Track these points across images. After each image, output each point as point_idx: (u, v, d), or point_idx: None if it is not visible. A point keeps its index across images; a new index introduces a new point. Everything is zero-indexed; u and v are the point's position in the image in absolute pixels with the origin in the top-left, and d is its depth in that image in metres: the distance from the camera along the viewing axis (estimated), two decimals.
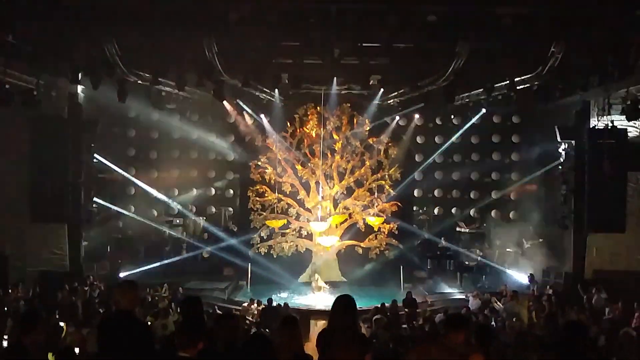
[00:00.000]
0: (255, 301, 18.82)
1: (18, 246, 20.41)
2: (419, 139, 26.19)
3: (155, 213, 26.40)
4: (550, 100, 19.81)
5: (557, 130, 21.24)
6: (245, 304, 18.83)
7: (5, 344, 11.19)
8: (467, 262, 24.07)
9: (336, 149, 23.96)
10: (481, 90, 20.59)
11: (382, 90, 22.78)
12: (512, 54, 18.04)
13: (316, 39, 17.67)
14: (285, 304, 18.55)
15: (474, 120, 24.43)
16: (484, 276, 23.56)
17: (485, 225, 25.93)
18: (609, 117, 19.38)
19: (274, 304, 18.36)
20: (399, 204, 23.93)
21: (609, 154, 19.22)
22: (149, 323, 14.04)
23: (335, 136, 23.91)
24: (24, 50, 16.47)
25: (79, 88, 21.04)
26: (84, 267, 21.35)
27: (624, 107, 17.70)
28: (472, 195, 26.21)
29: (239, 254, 24.31)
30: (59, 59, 17.61)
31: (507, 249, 24.53)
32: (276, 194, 23.49)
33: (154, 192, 25.65)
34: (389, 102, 23.62)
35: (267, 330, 14.46)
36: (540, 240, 23.99)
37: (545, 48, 16.66)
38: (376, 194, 23.82)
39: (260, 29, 16.83)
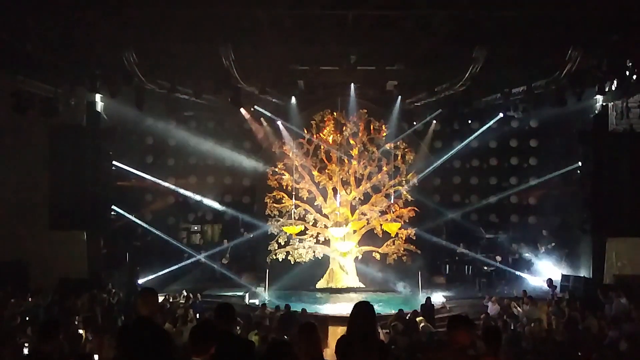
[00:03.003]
0: (274, 307, 18.87)
1: (37, 253, 20.49)
2: (436, 144, 26.06)
3: (173, 220, 26.52)
4: (568, 104, 19.74)
5: (575, 134, 21.13)
6: (259, 310, 18.81)
7: (25, 351, 11.25)
8: (485, 268, 23.97)
9: (353, 155, 23.93)
10: (499, 95, 20.54)
11: (399, 96, 22.80)
12: (529, 58, 18.01)
13: (332, 46, 17.72)
14: (303, 310, 18.51)
15: (490, 124, 24.33)
16: (502, 281, 23.47)
17: (503, 230, 25.79)
18: (627, 120, 19.29)
19: (291, 309, 18.34)
20: (417, 209, 23.85)
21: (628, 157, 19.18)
22: (167, 330, 14.09)
23: (352, 142, 23.88)
24: (43, 59, 16.62)
25: (98, 97, 21.21)
26: (103, 274, 21.44)
27: None
28: (490, 200, 25.96)
29: (257, 260, 24.41)
30: (77, 68, 17.78)
31: (526, 254, 24.41)
32: (293, 200, 23.48)
33: (172, 199, 25.85)
34: (406, 107, 23.58)
35: (285, 337, 14.44)
36: (559, 244, 23.88)
37: (562, 52, 16.61)
38: (393, 199, 23.75)
39: (276, 36, 16.89)
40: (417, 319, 16.89)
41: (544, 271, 23.02)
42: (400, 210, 23.75)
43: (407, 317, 17.12)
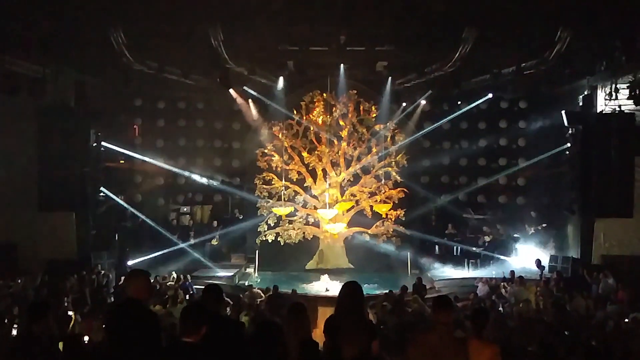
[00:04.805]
0: (264, 288, 18.89)
1: (26, 235, 20.43)
2: (425, 125, 25.97)
3: (163, 201, 26.47)
4: (557, 85, 19.75)
5: (564, 115, 21.16)
6: (248, 292, 18.82)
7: (14, 332, 11.26)
8: (474, 248, 24.03)
9: (343, 136, 23.89)
10: (488, 75, 20.54)
11: (389, 77, 22.75)
12: (518, 39, 18.01)
13: (322, 26, 17.66)
14: (293, 291, 18.59)
15: (477, 102, 24.26)
16: (491, 262, 23.55)
17: (492, 211, 25.84)
18: (616, 101, 19.32)
19: (281, 291, 18.37)
20: (406, 190, 23.87)
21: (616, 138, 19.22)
22: (157, 311, 14.09)
23: (341, 123, 23.83)
24: (31, 39, 16.49)
25: (86, 77, 21.06)
26: (92, 256, 21.39)
27: (631, 92, 17.64)
28: (479, 181, 25.97)
29: (246, 242, 24.43)
30: (65, 48, 17.64)
31: (515, 235, 24.48)
32: (283, 181, 23.45)
33: (161, 180, 25.79)
34: (395, 88, 23.53)
35: (275, 317, 14.48)
36: (547, 225, 23.96)
37: (551, 33, 16.61)
38: (383, 180, 23.76)
39: (265, 16, 16.82)
40: (412, 298, 16.98)
41: (532, 252, 23.09)
42: (390, 191, 23.76)
43: (396, 297, 17.19)
